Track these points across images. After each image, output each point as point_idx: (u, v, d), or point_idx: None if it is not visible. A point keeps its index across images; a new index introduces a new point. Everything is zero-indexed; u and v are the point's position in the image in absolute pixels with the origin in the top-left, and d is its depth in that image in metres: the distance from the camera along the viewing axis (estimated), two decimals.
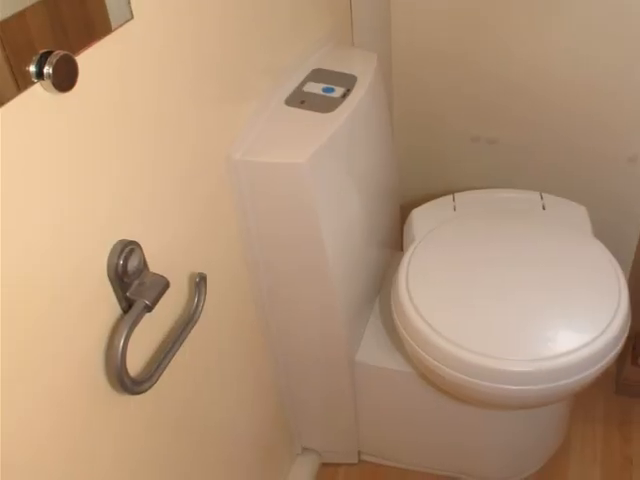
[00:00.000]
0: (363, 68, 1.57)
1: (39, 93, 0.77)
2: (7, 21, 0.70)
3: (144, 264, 1.02)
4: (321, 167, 1.33)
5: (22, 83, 0.74)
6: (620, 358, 1.97)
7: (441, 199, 1.88)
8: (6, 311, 0.77)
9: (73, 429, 0.93)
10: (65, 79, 0.77)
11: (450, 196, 1.88)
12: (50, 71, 0.74)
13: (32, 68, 0.74)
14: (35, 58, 0.74)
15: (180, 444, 1.24)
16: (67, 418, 0.92)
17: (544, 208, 1.82)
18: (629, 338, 1.54)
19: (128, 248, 0.96)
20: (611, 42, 1.85)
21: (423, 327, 1.47)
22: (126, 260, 0.96)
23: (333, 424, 1.83)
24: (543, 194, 1.86)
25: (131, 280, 0.98)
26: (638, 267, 2.14)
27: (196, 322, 1.13)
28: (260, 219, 1.37)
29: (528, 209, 1.82)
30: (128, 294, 0.98)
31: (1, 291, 0.76)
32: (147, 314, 0.99)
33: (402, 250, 1.81)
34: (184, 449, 1.25)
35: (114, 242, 0.95)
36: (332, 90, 1.47)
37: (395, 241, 1.97)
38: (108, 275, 0.95)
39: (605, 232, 1.85)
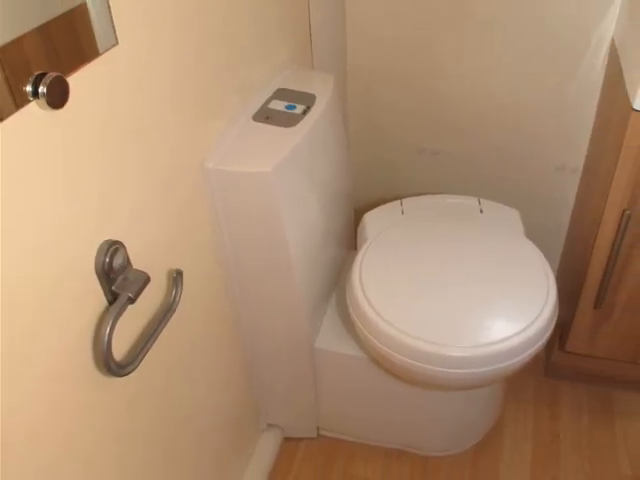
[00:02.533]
0: (321, 88, 1.58)
1: (35, 110, 0.78)
2: (6, 46, 0.71)
3: (128, 261, 1.02)
4: (284, 176, 1.34)
5: (19, 101, 0.74)
6: (549, 345, 2.02)
7: (390, 204, 1.89)
8: (7, 304, 0.78)
9: (66, 409, 0.94)
10: (58, 98, 0.77)
11: (398, 201, 1.89)
12: (44, 90, 0.75)
13: (28, 88, 0.74)
14: (31, 79, 0.74)
15: (158, 423, 1.24)
16: (60, 398, 0.92)
17: (482, 212, 1.84)
18: (557, 327, 1.56)
19: (113, 247, 0.97)
20: (542, 63, 1.88)
21: (375, 318, 1.49)
22: (112, 258, 0.97)
23: (295, 403, 1.83)
24: (481, 199, 1.88)
25: (116, 275, 0.99)
26: (565, 264, 2.17)
27: (174, 312, 1.14)
28: (231, 222, 1.38)
29: (467, 213, 1.84)
30: (113, 288, 0.99)
31: (2, 288, 0.77)
32: (130, 306, 0.99)
33: (356, 249, 1.82)
34: (162, 427, 1.26)
35: (101, 242, 0.96)
36: (294, 107, 1.48)
37: (350, 241, 1.97)
38: (96, 271, 0.95)
39: (536, 233, 1.88)
